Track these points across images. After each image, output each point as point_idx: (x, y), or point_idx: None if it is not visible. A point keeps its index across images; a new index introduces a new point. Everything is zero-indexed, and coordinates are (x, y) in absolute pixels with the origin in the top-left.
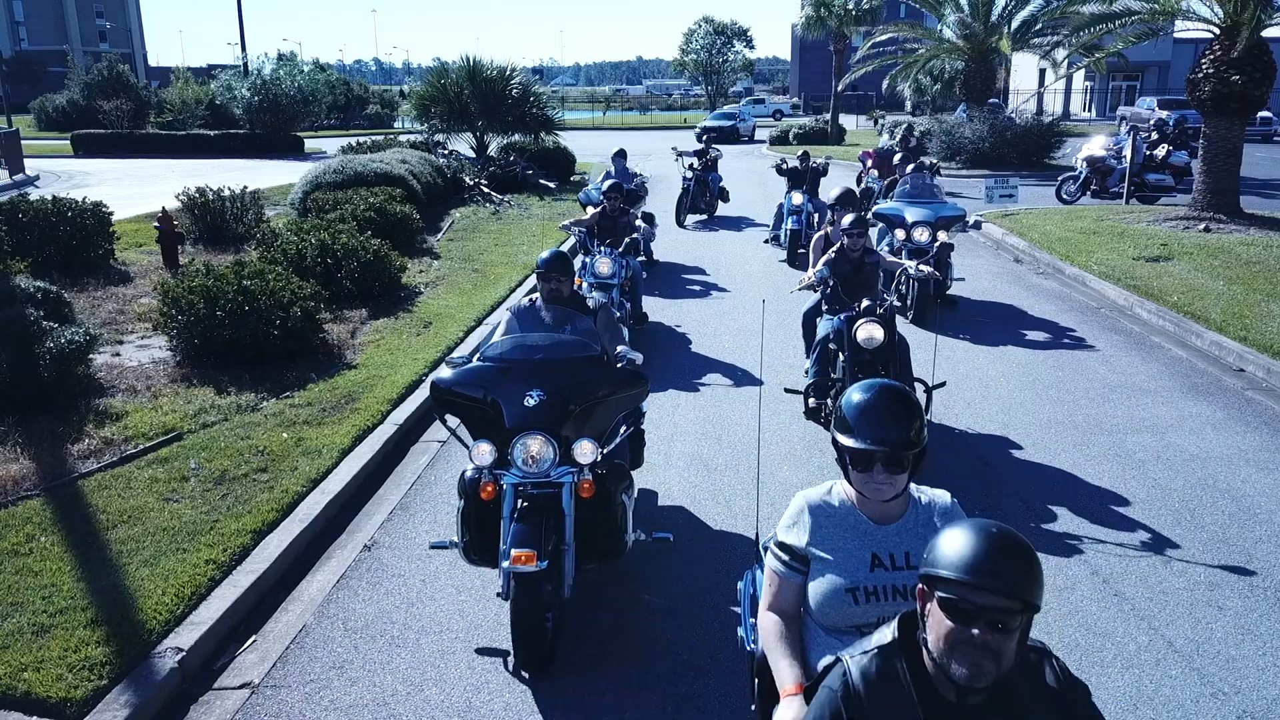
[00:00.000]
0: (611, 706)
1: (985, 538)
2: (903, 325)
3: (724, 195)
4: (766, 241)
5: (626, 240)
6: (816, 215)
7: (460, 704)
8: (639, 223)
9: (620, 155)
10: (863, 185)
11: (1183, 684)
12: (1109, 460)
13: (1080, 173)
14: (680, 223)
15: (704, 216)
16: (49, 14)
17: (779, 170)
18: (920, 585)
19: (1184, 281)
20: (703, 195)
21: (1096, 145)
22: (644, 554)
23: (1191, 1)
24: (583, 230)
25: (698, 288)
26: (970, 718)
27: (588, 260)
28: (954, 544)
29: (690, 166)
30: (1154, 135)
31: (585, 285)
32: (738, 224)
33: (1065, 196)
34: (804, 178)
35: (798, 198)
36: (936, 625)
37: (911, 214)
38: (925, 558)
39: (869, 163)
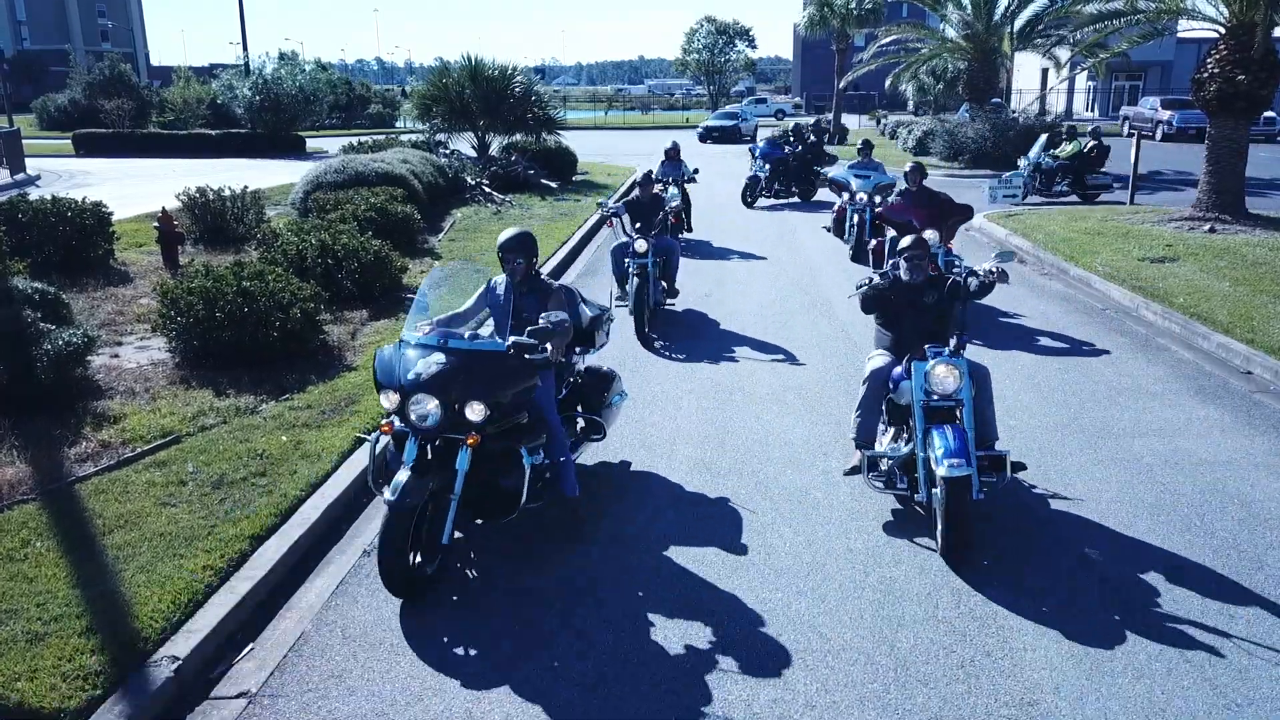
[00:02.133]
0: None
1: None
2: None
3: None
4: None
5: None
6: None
7: (460, 714)
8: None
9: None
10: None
11: (1195, 695)
12: (1116, 464)
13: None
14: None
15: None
16: (51, 13)
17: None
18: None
19: (1190, 283)
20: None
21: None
22: (647, 554)
23: (1197, 1)
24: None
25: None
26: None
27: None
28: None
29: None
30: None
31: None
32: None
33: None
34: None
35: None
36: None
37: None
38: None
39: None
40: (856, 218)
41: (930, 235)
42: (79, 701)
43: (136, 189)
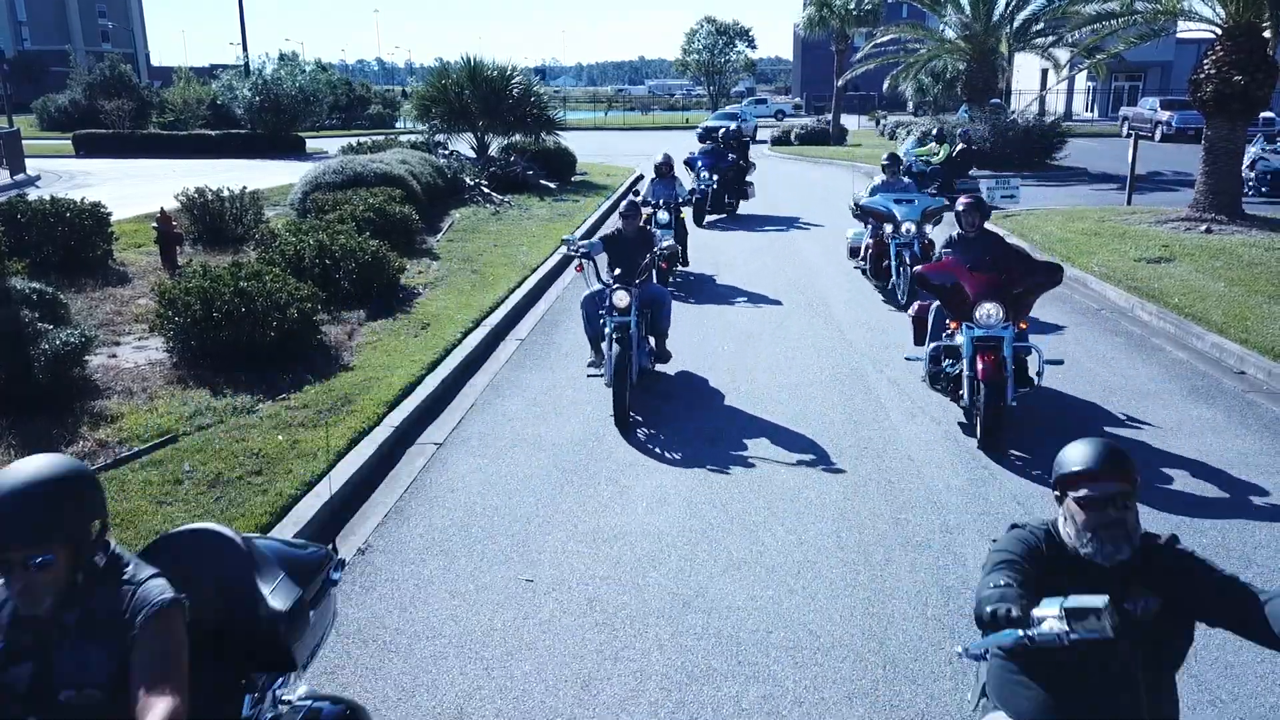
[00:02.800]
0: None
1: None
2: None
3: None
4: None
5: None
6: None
7: (452, 710)
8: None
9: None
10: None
11: (1181, 692)
12: None
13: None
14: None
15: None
16: (51, 13)
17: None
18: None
19: (1185, 283)
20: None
21: None
22: (644, 555)
23: (1194, 2)
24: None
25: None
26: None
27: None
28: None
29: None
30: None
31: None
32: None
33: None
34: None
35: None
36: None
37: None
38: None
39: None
40: (908, 256)
41: (991, 312)
42: None
43: (136, 189)
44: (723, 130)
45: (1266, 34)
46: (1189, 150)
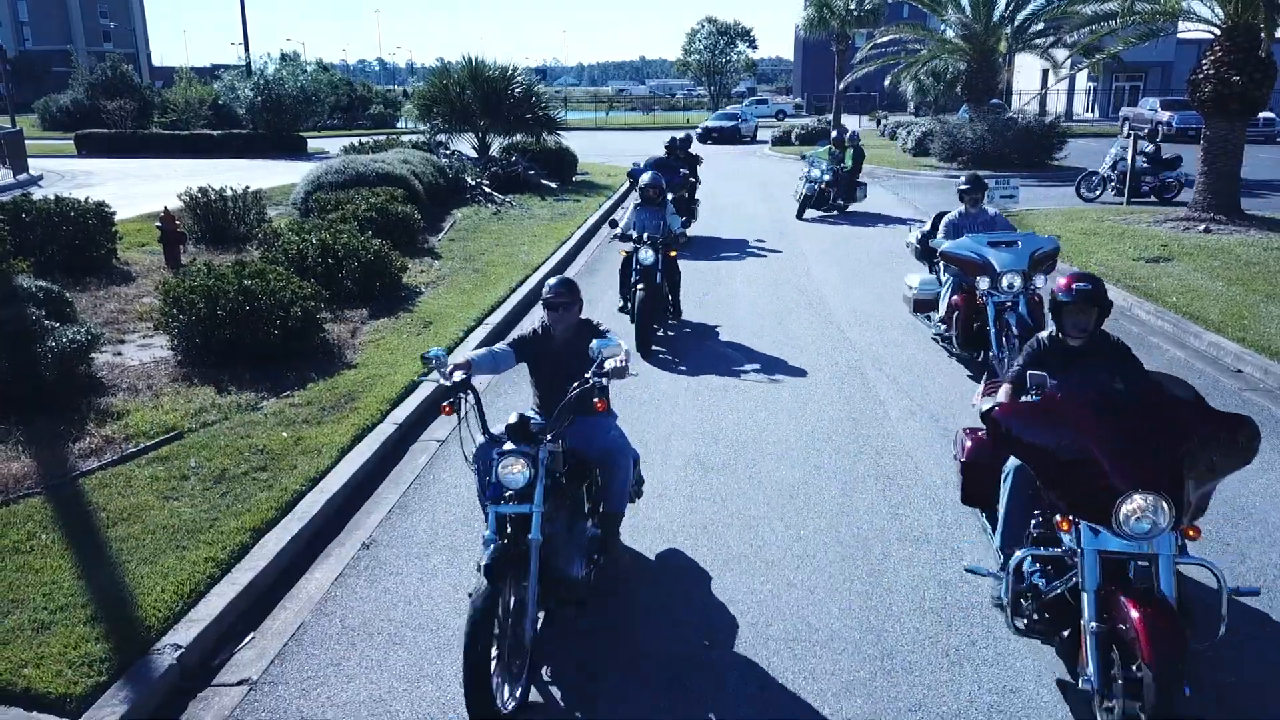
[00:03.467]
0: (598, 706)
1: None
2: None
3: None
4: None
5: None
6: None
7: (455, 700)
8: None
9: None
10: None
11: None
12: None
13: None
14: None
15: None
16: (53, 14)
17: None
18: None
19: (1183, 282)
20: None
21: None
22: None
23: (1192, 2)
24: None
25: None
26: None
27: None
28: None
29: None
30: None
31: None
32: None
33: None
34: None
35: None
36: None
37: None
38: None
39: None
40: (1013, 322)
41: (1147, 510)
42: (84, 688)
43: (139, 189)
44: (670, 139)
45: (1263, 34)
46: (1189, 151)
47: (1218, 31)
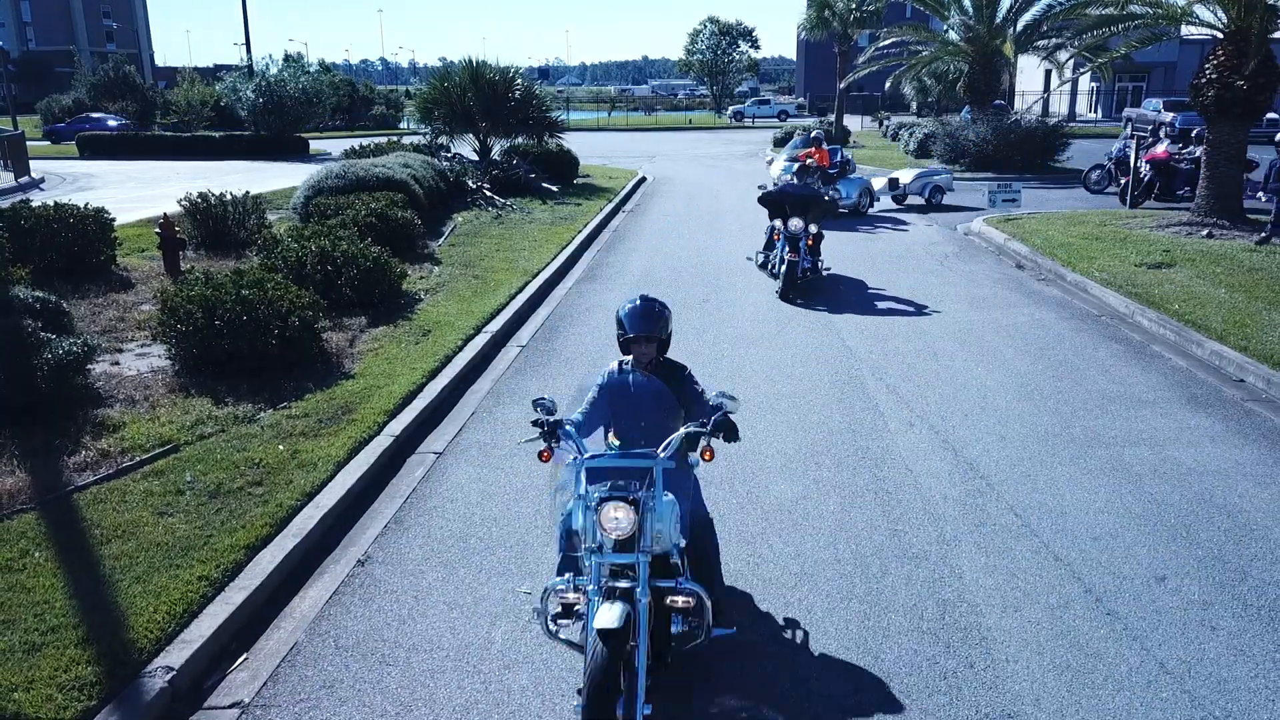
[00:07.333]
0: None
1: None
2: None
3: None
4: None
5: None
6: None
7: None
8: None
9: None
10: None
11: (1174, 707)
12: (1105, 474)
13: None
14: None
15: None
16: (56, 14)
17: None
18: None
19: (1186, 289)
20: None
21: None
22: None
23: (1196, 6)
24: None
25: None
26: None
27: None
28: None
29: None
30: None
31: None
32: None
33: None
34: None
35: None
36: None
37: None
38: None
39: None
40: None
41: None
42: (74, 712)
43: (139, 193)
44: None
45: (1255, 37)
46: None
47: (1221, 35)
